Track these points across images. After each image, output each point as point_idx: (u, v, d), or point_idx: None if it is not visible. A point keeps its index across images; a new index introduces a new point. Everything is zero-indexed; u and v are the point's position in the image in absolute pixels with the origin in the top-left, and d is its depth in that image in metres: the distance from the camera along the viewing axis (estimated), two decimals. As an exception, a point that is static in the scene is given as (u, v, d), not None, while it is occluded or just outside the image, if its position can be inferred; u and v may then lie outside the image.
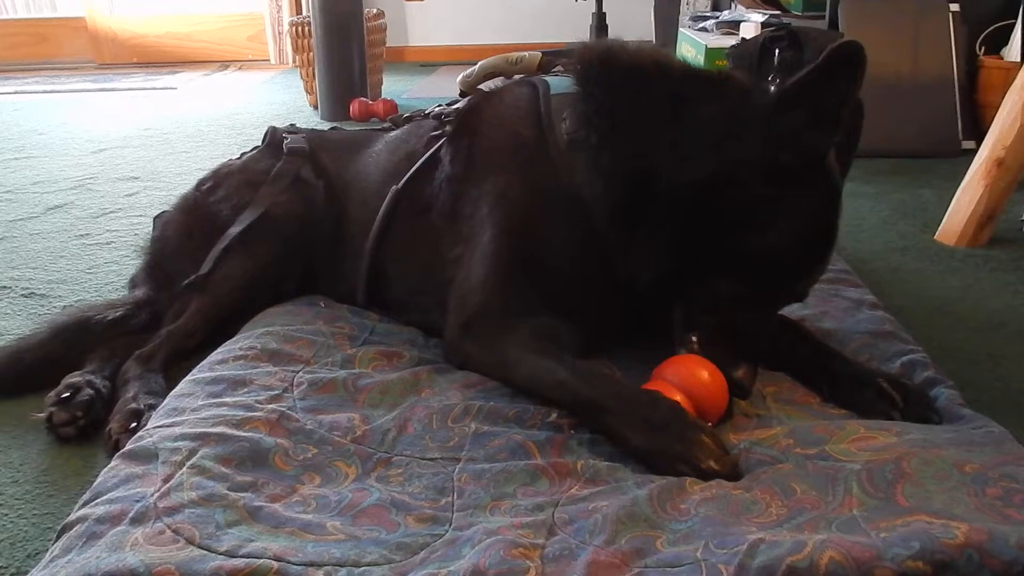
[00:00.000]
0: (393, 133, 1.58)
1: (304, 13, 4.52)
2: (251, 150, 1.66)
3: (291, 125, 1.70)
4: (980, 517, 0.80)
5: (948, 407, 1.10)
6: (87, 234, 2.22)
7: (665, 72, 1.19)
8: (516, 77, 1.44)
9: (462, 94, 1.48)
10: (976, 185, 1.98)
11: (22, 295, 1.81)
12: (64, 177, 2.81)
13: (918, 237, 2.06)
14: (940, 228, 2.04)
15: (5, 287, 1.86)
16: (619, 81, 1.20)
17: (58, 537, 0.89)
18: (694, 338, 1.10)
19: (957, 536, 0.75)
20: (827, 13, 2.97)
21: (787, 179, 1.06)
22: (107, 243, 2.14)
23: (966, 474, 0.87)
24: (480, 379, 1.19)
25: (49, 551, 0.87)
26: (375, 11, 4.00)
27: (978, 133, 2.57)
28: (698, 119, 1.11)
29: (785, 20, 3.05)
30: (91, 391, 1.28)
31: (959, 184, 2.03)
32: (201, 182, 1.60)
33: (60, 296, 1.80)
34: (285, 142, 1.58)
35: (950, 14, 2.85)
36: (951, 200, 2.03)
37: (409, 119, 1.58)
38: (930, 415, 1.09)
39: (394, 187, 1.42)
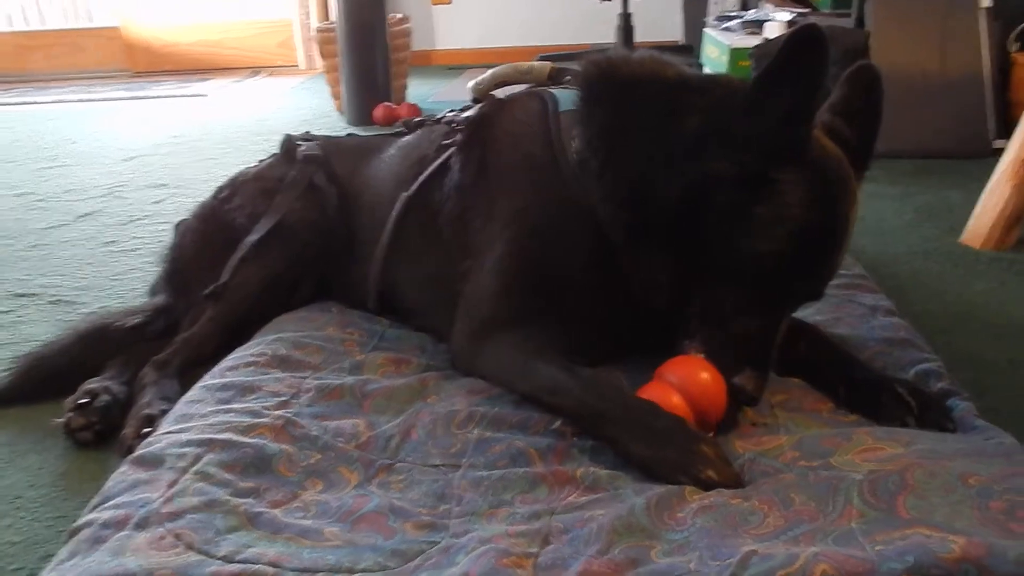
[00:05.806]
0: (405, 139, 1.58)
1: (331, 20, 4.55)
2: (267, 158, 1.68)
3: (306, 133, 1.72)
4: (982, 531, 0.78)
5: (962, 418, 1.09)
6: (114, 241, 2.27)
7: (661, 84, 1.19)
8: (526, 87, 1.44)
9: (475, 100, 1.48)
10: (1003, 186, 1.94)
11: (49, 302, 1.86)
12: (95, 185, 2.88)
13: (943, 240, 2.02)
14: (966, 231, 2.00)
15: (34, 294, 1.91)
16: (617, 100, 1.20)
17: (67, 541, 0.91)
18: (696, 343, 1.09)
19: (954, 550, 0.74)
20: (854, 11, 2.93)
21: (761, 181, 1.04)
22: (133, 250, 2.19)
23: (971, 487, 0.85)
24: (487, 385, 1.19)
25: (57, 555, 0.89)
26: (399, 16, 4.02)
27: (1010, 132, 2.49)
28: (680, 132, 1.11)
29: (812, 19, 3.01)
30: (108, 397, 1.31)
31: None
32: (218, 190, 1.63)
33: (85, 303, 1.84)
34: (299, 150, 1.60)
35: (981, 10, 2.79)
36: (978, 202, 1.99)
37: (421, 124, 1.59)
38: (945, 423, 1.08)
39: (404, 194, 1.43)
